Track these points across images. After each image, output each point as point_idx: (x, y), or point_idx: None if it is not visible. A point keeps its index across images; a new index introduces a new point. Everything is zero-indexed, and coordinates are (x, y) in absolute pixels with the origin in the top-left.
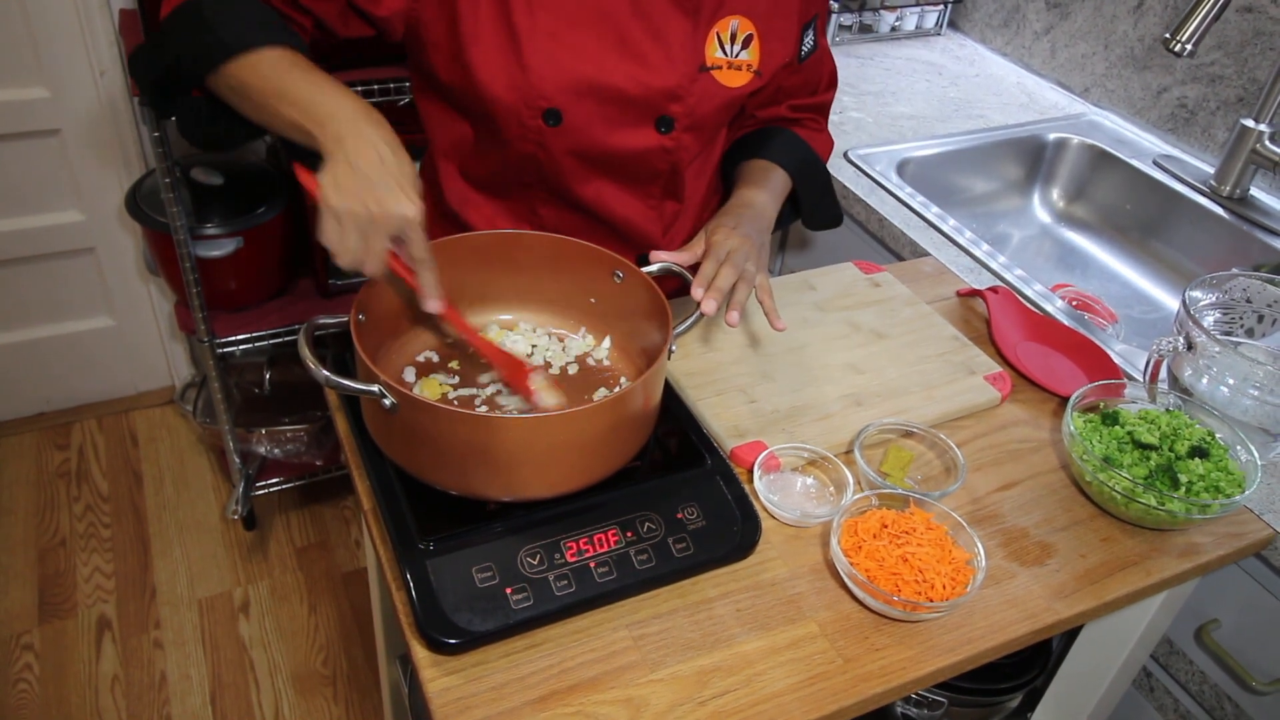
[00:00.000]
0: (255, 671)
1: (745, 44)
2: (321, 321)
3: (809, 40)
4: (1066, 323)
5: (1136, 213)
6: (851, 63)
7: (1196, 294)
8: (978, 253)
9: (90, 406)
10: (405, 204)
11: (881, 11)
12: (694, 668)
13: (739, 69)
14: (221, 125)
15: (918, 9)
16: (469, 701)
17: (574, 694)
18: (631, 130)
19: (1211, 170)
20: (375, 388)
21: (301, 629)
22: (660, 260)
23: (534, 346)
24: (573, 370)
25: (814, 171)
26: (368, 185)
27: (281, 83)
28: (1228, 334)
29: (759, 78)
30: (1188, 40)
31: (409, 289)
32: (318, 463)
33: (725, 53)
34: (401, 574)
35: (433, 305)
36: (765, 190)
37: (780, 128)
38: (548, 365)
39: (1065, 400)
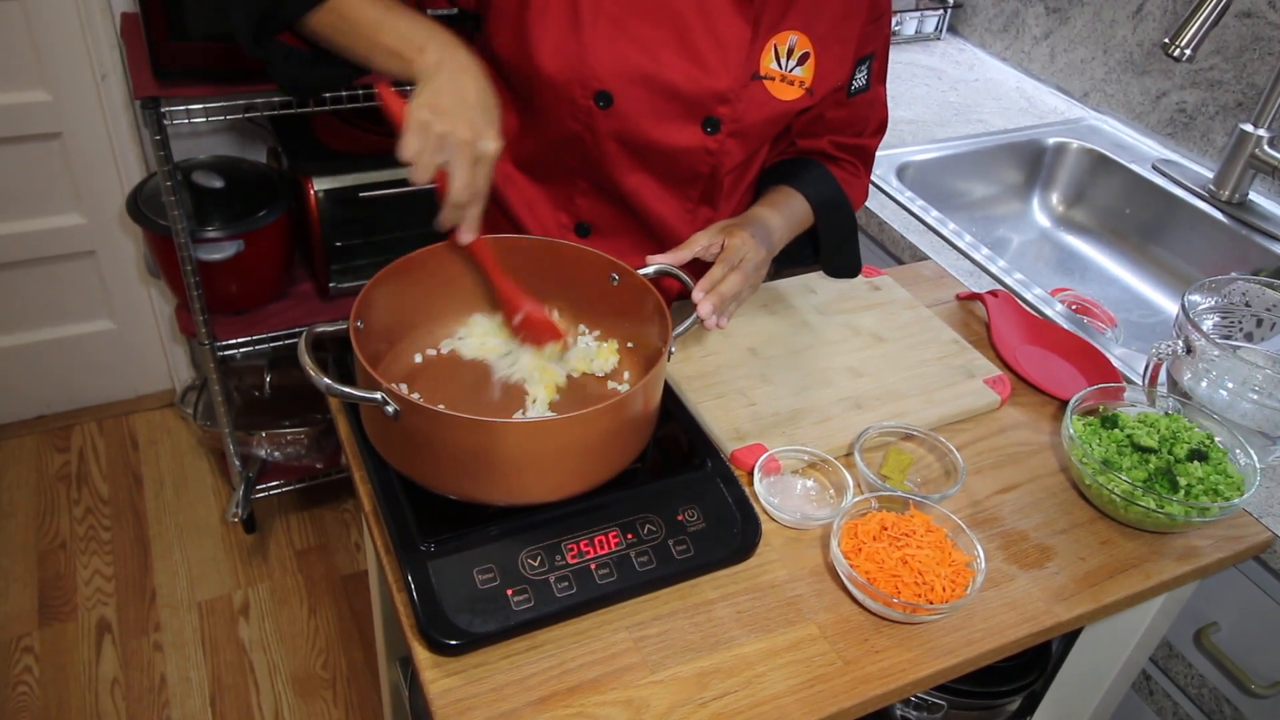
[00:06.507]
0: (255, 674)
1: (801, 61)
2: (320, 329)
3: (861, 77)
4: (1066, 326)
5: (1136, 217)
6: None
7: (1195, 298)
8: (977, 257)
9: (90, 409)
10: (489, 137)
11: None
12: (694, 669)
13: (792, 83)
14: (319, 70)
15: (917, 14)
16: (470, 703)
17: (574, 695)
18: (678, 126)
19: (1210, 175)
20: (378, 395)
21: (301, 632)
22: (655, 262)
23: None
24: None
25: (839, 214)
26: (461, 109)
27: (380, 15)
28: (1227, 338)
29: (810, 95)
30: (1187, 45)
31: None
32: (318, 466)
33: (780, 65)
34: (403, 575)
35: (466, 237)
36: (781, 215)
37: (816, 161)
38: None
39: (1065, 404)
